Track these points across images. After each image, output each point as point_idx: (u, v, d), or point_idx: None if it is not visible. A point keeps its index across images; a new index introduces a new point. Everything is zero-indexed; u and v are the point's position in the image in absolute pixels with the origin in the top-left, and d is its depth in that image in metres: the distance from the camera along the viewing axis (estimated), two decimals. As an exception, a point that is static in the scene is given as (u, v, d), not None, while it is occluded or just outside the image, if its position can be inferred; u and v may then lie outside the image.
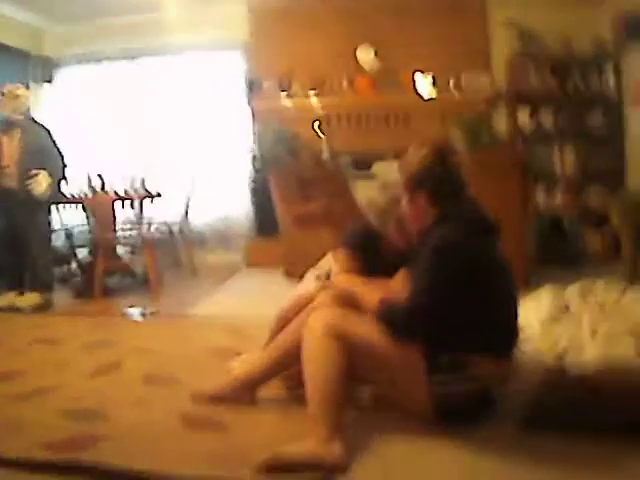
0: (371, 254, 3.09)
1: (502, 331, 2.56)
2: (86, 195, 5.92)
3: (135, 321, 4.70)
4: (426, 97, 7.29)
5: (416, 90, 7.33)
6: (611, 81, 7.12)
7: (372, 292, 2.58)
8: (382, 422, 2.59)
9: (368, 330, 2.45)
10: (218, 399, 2.80)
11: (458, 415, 2.45)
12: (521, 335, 3.31)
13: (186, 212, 6.84)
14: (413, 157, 2.62)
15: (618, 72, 7.03)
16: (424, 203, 2.58)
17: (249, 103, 7.49)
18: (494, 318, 2.50)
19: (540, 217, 6.51)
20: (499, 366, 2.53)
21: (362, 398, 2.80)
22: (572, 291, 3.76)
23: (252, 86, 7.42)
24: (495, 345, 2.51)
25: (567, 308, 3.65)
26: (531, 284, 4.47)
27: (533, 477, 2.12)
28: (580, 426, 2.34)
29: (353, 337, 2.43)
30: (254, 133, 7.45)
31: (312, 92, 7.35)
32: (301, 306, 2.85)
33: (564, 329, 3.41)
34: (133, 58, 7.70)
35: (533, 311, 3.65)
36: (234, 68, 7.54)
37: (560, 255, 6.44)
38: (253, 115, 7.55)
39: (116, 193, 5.99)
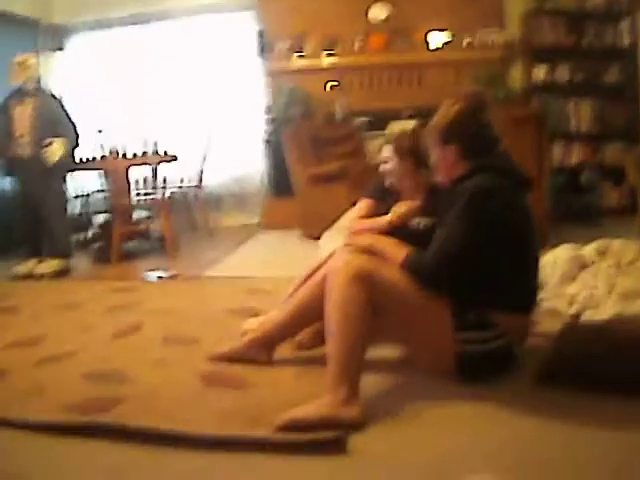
0: (389, 205, 3.16)
1: (526, 287, 2.56)
2: (101, 161, 5.93)
3: (154, 284, 4.74)
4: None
5: (430, 49, 7.25)
6: (626, 36, 7.01)
7: (398, 246, 2.55)
8: (402, 381, 2.61)
9: (396, 277, 2.42)
10: (236, 359, 2.82)
11: (481, 372, 2.46)
12: (539, 292, 3.33)
13: (201, 174, 6.84)
14: (446, 110, 2.59)
15: (634, 27, 6.91)
16: (455, 156, 2.56)
17: (262, 64, 7.43)
18: (520, 273, 2.51)
19: (557, 173, 6.45)
20: (522, 322, 2.55)
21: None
22: (589, 249, 3.76)
23: (265, 47, 7.35)
24: (519, 301, 2.52)
25: (584, 266, 3.65)
26: (549, 241, 4.45)
27: (550, 430, 2.13)
28: (597, 379, 2.34)
29: (381, 283, 2.38)
30: (268, 94, 7.41)
31: (325, 52, 7.28)
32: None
33: (581, 287, 3.42)
34: (144, 23, 7.62)
35: (551, 268, 3.65)
36: (247, 29, 7.47)
37: (577, 211, 6.40)
38: (267, 76, 7.50)
39: (131, 157, 6.00)
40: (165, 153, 6.29)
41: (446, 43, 7.21)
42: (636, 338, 2.47)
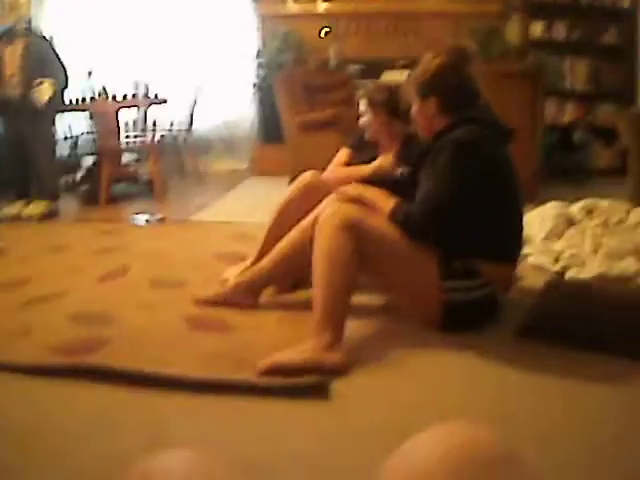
0: (367, 150, 3.32)
1: (511, 237, 2.60)
2: (90, 102, 5.86)
3: (141, 227, 4.73)
4: None
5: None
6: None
7: (386, 196, 2.57)
8: (386, 328, 2.64)
9: (383, 226, 2.44)
10: (221, 303, 2.85)
11: (465, 321, 2.50)
12: (525, 247, 3.36)
13: (191, 118, 6.78)
14: (427, 64, 2.59)
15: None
16: (435, 110, 2.57)
17: (255, 8, 7.32)
18: (505, 222, 2.54)
19: (549, 130, 6.44)
20: (506, 272, 2.58)
21: None
22: (577, 208, 3.78)
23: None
24: (504, 251, 2.56)
25: (571, 224, 3.67)
26: (537, 198, 4.47)
27: (527, 381, 2.17)
28: (577, 337, 2.37)
29: (369, 232, 2.40)
30: (259, 39, 7.31)
31: (320, -1, 7.17)
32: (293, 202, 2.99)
33: (567, 244, 3.44)
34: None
35: (538, 225, 3.68)
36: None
37: (567, 169, 6.41)
38: (259, 20, 7.39)
39: (120, 100, 5.93)
40: (155, 96, 6.22)
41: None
42: (618, 299, 2.50)
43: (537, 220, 3.73)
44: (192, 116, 6.76)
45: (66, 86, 5.40)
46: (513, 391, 2.13)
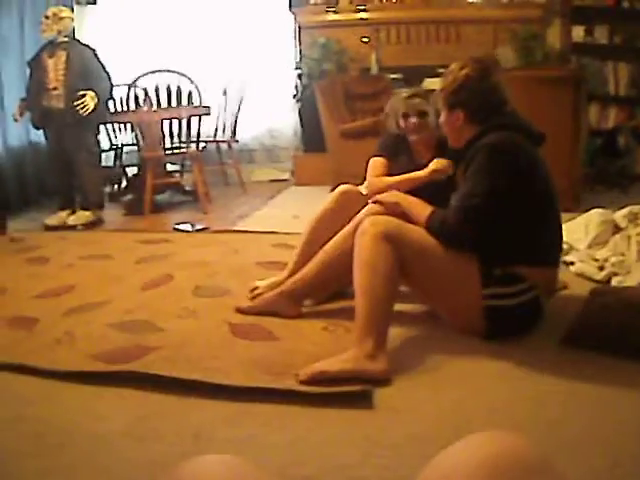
0: (403, 156, 3.21)
1: (551, 239, 2.58)
2: (134, 113, 5.95)
3: (184, 236, 4.77)
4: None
5: (468, 4, 7.13)
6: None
7: (422, 204, 2.57)
8: (428, 335, 2.63)
9: (423, 235, 2.45)
10: (263, 312, 2.86)
11: (508, 328, 2.48)
12: (569, 255, 3.32)
13: (234, 127, 6.84)
14: (454, 74, 2.59)
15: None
16: (462, 121, 2.58)
17: (295, 17, 7.36)
18: (544, 225, 2.52)
19: (592, 136, 6.36)
20: (549, 276, 2.56)
21: None
22: (621, 215, 3.72)
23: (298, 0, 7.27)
24: (544, 254, 2.54)
25: (616, 231, 3.61)
26: (581, 204, 4.41)
27: (570, 391, 2.14)
28: (621, 347, 2.34)
29: (408, 242, 2.40)
30: (300, 47, 7.35)
31: (361, 7, 7.18)
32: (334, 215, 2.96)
33: (612, 252, 3.39)
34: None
35: (582, 232, 3.63)
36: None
37: (612, 175, 6.32)
38: (299, 29, 7.43)
39: (164, 109, 6.00)
40: (198, 105, 6.29)
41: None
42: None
43: (581, 227, 3.68)
44: (235, 125, 6.81)
45: (110, 96, 5.49)
46: (553, 399, 2.10)
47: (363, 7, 7.15)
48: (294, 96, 7.18)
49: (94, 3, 7.72)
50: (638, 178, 6.55)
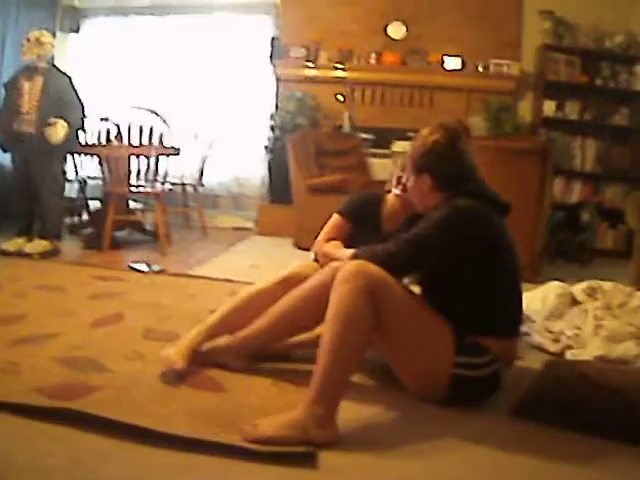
0: (368, 222, 3.02)
1: (515, 310, 2.56)
2: (103, 146, 5.91)
3: (140, 276, 4.70)
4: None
5: (445, 71, 7.29)
6: (641, 79, 7.06)
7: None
8: (382, 399, 2.57)
9: (407, 296, 2.40)
10: (210, 363, 2.76)
11: (467, 397, 2.45)
12: (526, 326, 3.32)
13: (201, 171, 6.82)
14: (422, 139, 2.58)
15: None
16: (429, 186, 2.56)
17: (274, 69, 7.44)
18: (510, 297, 2.51)
19: (556, 209, 6.47)
20: (509, 347, 2.54)
21: None
22: (579, 288, 3.75)
23: (278, 52, 7.36)
24: (508, 325, 2.53)
25: (573, 304, 3.64)
26: (540, 276, 4.45)
27: (520, 463, 2.11)
28: (574, 420, 2.33)
29: (390, 298, 2.29)
30: (276, 99, 7.42)
31: (338, 65, 7.29)
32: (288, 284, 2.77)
33: (568, 325, 3.41)
34: (161, 14, 7.64)
35: (539, 304, 3.64)
36: (263, 32, 7.50)
37: (571, 249, 6.41)
38: (277, 81, 7.51)
39: (134, 146, 5.97)
40: (169, 146, 6.27)
41: (460, 69, 7.25)
42: (617, 381, 2.45)
43: (539, 299, 3.70)
44: (203, 169, 6.80)
45: (82, 127, 5.45)
46: (503, 471, 2.07)
47: (341, 65, 7.26)
48: (266, 146, 7.22)
49: (77, 31, 7.74)
50: (598, 253, 6.67)
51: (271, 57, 7.34)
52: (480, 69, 7.23)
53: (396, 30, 7.37)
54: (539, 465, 2.12)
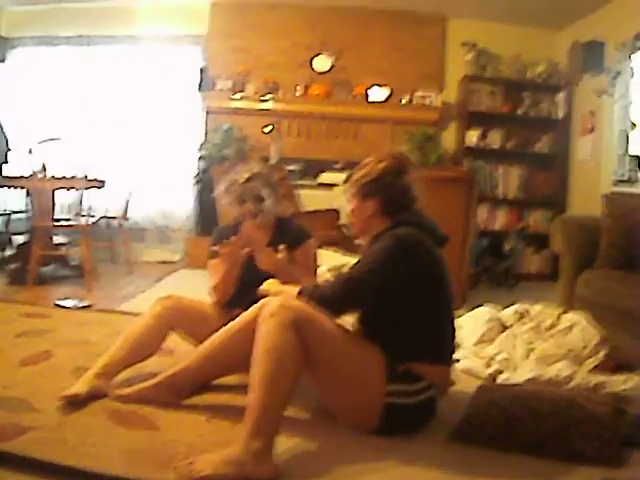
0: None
1: (448, 337, 2.60)
2: (27, 179, 5.78)
3: (67, 312, 4.59)
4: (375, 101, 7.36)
5: (369, 102, 7.40)
6: (561, 108, 7.32)
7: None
8: (317, 432, 2.56)
9: (334, 329, 2.41)
10: (142, 400, 2.71)
11: (402, 425, 2.46)
12: (457, 352, 3.37)
13: (127, 205, 6.73)
14: (372, 166, 2.64)
15: (569, 99, 7.22)
16: (372, 212, 2.61)
17: (201, 101, 7.43)
18: (443, 323, 2.55)
19: (480, 236, 6.63)
20: (443, 374, 2.57)
21: None
22: (509, 312, 3.83)
23: (206, 84, 7.36)
24: (442, 352, 2.56)
25: (503, 328, 3.72)
26: (468, 302, 4.53)
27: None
28: (509, 441, 2.38)
29: (317, 332, 2.32)
30: (203, 131, 7.41)
31: (266, 96, 7.33)
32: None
33: (499, 349, 3.48)
34: (89, 44, 7.56)
35: (469, 329, 3.71)
36: (191, 63, 7.49)
37: (497, 274, 6.57)
38: (204, 113, 7.50)
39: (58, 179, 5.86)
40: (94, 179, 6.18)
41: (385, 100, 7.38)
42: (550, 402, 2.52)
43: (469, 324, 3.77)
44: (128, 203, 6.71)
45: (5, 159, 5.33)
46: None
47: (267, 97, 7.31)
48: (194, 177, 7.20)
49: (2, 61, 7.58)
50: (524, 277, 6.85)
51: (199, 88, 7.34)
52: (404, 101, 7.39)
53: (322, 63, 7.48)
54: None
